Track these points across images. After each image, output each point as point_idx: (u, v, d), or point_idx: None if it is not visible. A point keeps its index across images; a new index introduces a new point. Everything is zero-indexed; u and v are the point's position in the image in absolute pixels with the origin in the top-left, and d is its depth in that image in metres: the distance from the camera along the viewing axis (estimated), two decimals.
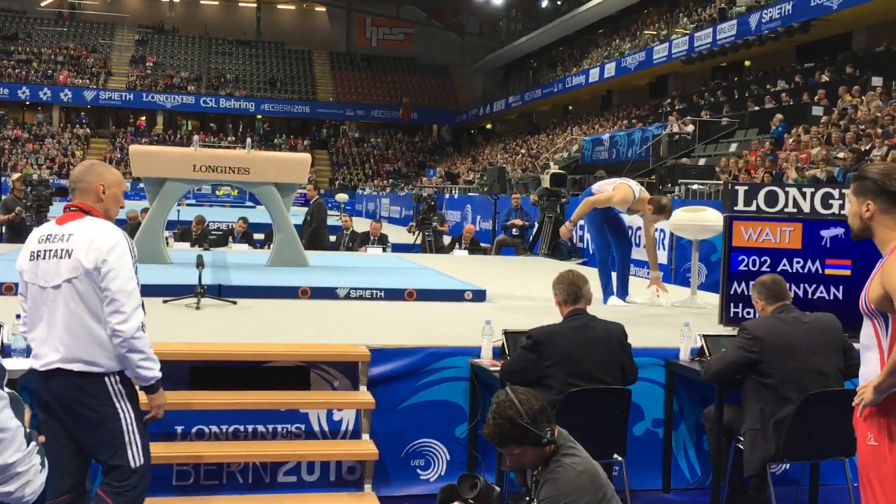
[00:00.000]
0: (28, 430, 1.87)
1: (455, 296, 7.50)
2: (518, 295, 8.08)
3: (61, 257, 3.41)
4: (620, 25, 35.71)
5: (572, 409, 4.17)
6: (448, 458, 5.13)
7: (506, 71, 49.27)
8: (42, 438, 1.88)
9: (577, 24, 37.38)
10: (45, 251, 3.48)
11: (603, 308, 6.68)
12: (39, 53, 47.19)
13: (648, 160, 21.30)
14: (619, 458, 4.44)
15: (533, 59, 44.76)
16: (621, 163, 21.48)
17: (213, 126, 48.16)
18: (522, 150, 35.44)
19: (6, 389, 1.82)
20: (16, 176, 13.43)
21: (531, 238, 14.13)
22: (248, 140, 11.72)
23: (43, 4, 50.95)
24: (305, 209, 13.97)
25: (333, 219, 21.92)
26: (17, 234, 11.81)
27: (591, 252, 14.06)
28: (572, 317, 4.47)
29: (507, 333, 5.01)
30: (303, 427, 5.00)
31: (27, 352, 4.60)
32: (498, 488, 3.36)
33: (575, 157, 27.14)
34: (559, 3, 39.82)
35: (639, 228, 10.05)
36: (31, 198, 11.38)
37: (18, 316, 4.62)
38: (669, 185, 17.02)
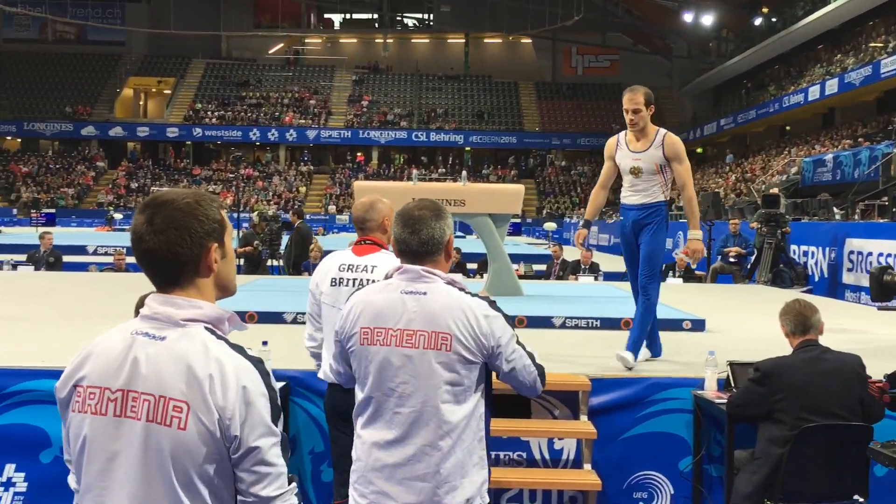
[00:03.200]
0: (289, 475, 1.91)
1: (673, 325, 7.35)
2: (739, 325, 7.80)
3: (364, 285, 3.51)
4: (842, 39, 33.73)
5: (808, 445, 3.99)
6: (672, 492, 5.03)
7: (716, 92, 47.78)
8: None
9: (794, 41, 35.69)
10: (346, 279, 3.76)
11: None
12: (268, 97, 50.97)
13: (878, 180, 19.88)
14: (861, 500, 4.19)
15: (746, 78, 43.14)
16: (847, 184, 20.20)
17: (423, 159, 49.89)
18: (735, 174, 34.15)
19: (279, 430, 1.86)
20: (255, 212, 14.51)
21: (749, 265, 13.59)
22: (464, 173, 12.07)
23: (271, 52, 55.16)
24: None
25: (542, 247, 22.05)
26: (255, 266, 12.75)
27: (815, 279, 13.32)
28: (803, 348, 4.28)
29: (732, 365, 4.86)
30: (524, 455, 5.08)
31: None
32: None
33: (794, 179, 25.80)
34: (773, 20, 38.21)
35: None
36: (266, 233, 12.25)
37: (265, 343, 5.04)
38: None
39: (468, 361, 2.66)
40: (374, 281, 3.56)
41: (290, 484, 1.86)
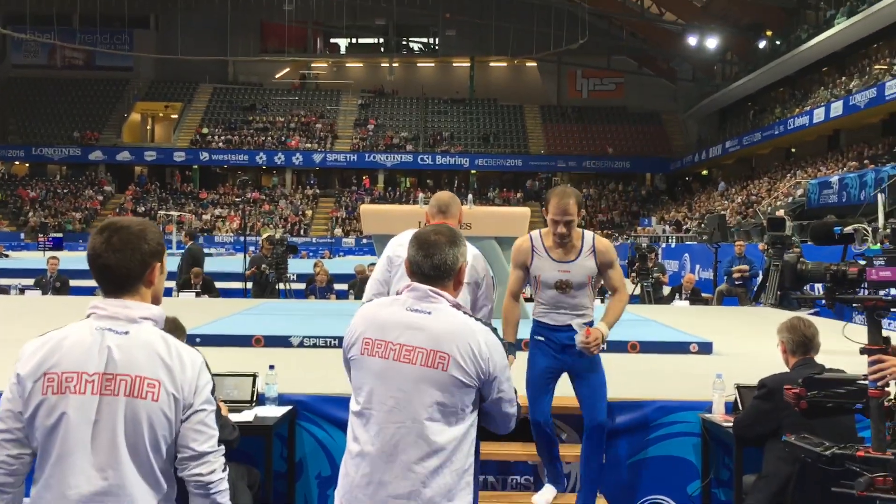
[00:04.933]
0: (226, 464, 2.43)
1: (680, 348, 7.35)
2: (746, 347, 7.79)
3: None
4: (847, 62, 33.82)
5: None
6: None
7: (721, 115, 47.90)
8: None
9: (799, 64, 35.79)
10: None
11: None
12: (274, 121, 51.24)
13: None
14: None
15: (751, 101, 43.25)
16: (853, 206, 20.18)
17: (429, 182, 50.02)
18: (741, 197, 34.17)
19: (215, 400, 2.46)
20: (264, 236, 14.62)
21: (756, 287, 13.57)
22: (470, 196, 12.12)
23: (277, 76, 55.51)
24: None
25: None
26: (262, 289, 12.77)
27: (822, 302, 13.29)
28: (803, 365, 4.27)
29: (739, 388, 4.86)
30: (531, 479, 5.07)
31: (279, 401, 5.01)
32: None
33: (800, 201, 25.80)
34: (777, 42, 38.37)
35: None
36: (272, 256, 12.29)
37: (271, 367, 5.06)
38: None
39: (463, 385, 2.66)
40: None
41: (219, 445, 2.39)
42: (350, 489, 2.70)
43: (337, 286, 14.47)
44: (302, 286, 14.63)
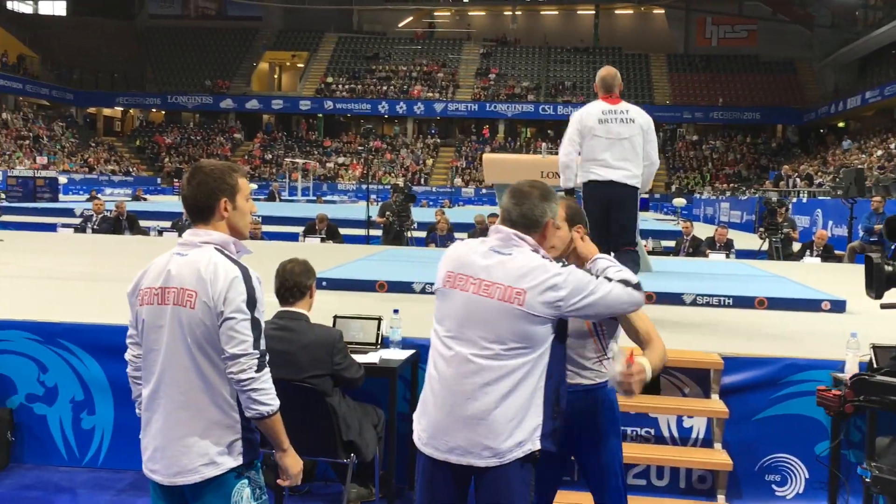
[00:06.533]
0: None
1: (811, 306, 7.10)
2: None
3: (623, 123, 6.14)
4: None
5: None
6: (807, 476, 4.90)
7: (861, 64, 45.27)
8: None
9: None
10: (611, 119, 6.11)
11: None
12: (397, 71, 51.56)
13: None
14: None
15: (894, 49, 40.69)
16: None
17: (550, 133, 49.46)
18: (880, 150, 32.38)
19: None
20: (391, 184, 14.89)
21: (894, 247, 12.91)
22: None
23: (401, 25, 55.68)
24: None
25: (670, 223, 21.56)
26: (391, 236, 13.10)
27: None
28: None
29: (875, 348, 4.66)
30: (652, 431, 5.04)
31: (402, 344, 5.13)
32: None
33: None
34: None
35: None
36: (396, 204, 12.49)
37: (396, 311, 5.17)
38: None
39: (537, 318, 2.80)
40: (632, 120, 6.04)
41: (254, 349, 2.69)
42: (426, 412, 2.92)
43: (457, 235, 14.58)
44: (423, 234, 14.83)
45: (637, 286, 2.96)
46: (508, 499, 2.82)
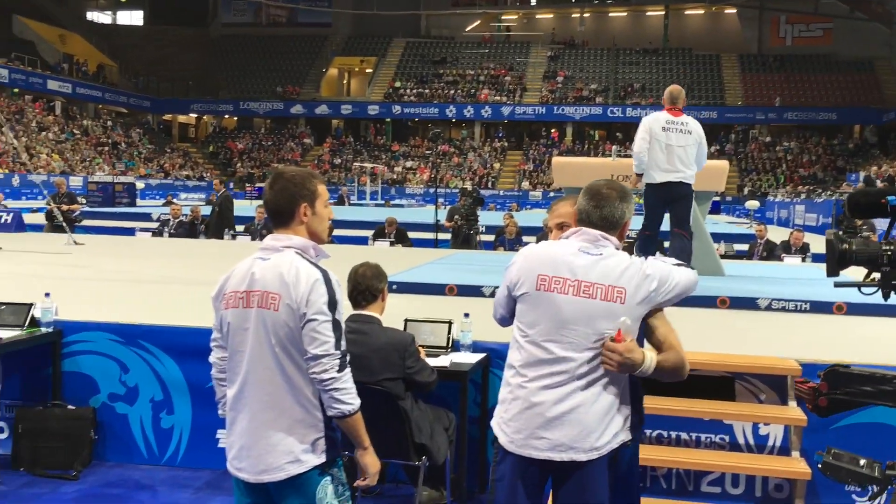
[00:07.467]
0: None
1: (892, 311, 6.88)
2: None
3: (682, 133, 7.91)
4: None
5: None
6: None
7: None
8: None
9: None
10: (672, 128, 7.90)
11: None
12: (464, 74, 51.70)
13: None
14: None
15: None
16: None
17: (618, 135, 49.00)
18: None
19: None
20: (460, 188, 14.96)
21: None
22: None
23: (468, 29, 55.83)
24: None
25: (743, 226, 21.17)
26: (456, 239, 13.13)
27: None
28: None
29: None
30: (727, 438, 4.96)
31: (473, 348, 5.14)
32: None
33: None
34: None
35: None
36: (464, 207, 12.53)
37: (466, 315, 5.19)
38: None
39: (635, 313, 2.90)
40: (689, 132, 7.71)
41: (336, 349, 2.76)
42: (521, 411, 2.93)
43: (525, 238, 14.55)
44: (491, 238, 14.83)
45: (686, 265, 3.12)
46: (598, 491, 2.91)
